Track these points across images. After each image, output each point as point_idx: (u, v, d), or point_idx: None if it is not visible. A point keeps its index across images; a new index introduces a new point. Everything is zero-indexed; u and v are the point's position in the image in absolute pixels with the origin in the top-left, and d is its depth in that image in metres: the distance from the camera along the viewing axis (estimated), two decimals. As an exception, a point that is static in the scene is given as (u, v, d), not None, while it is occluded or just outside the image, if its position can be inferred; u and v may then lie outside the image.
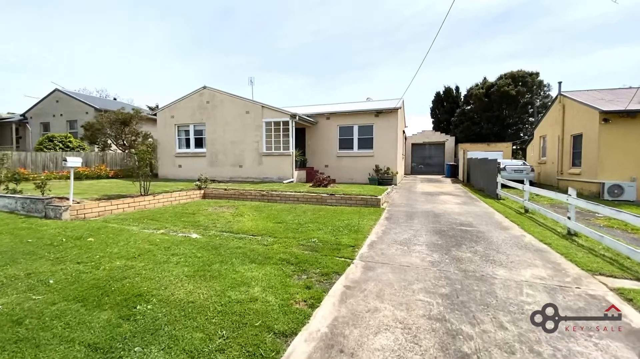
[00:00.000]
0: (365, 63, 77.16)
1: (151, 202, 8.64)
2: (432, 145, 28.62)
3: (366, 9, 62.45)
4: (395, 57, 70.38)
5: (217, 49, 76.78)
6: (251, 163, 15.05)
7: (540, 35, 56.10)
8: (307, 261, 4.17)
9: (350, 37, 69.83)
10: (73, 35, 63.28)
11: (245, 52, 76.36)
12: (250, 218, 7.11)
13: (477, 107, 32.07)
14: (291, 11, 63.30)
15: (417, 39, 63.48)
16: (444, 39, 71.14)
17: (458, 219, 7.36)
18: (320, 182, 11.67)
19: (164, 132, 16.90)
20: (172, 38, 71.57)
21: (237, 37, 74.03)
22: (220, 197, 10.49)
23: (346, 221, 6.74)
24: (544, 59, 59.93)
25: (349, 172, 16.25)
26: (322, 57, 77.04)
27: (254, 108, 14.82)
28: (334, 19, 63.10)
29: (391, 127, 15.58)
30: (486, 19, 57.40)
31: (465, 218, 7.52)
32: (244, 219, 7.03)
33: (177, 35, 71.10)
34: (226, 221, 6.75)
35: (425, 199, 10.83)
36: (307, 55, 76.95)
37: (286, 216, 7.31)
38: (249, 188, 10.74)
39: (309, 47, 73.54)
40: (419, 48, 73.04)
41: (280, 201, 9.80)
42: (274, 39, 72.93)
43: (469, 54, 62.39)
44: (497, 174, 11.50)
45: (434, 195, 11.91)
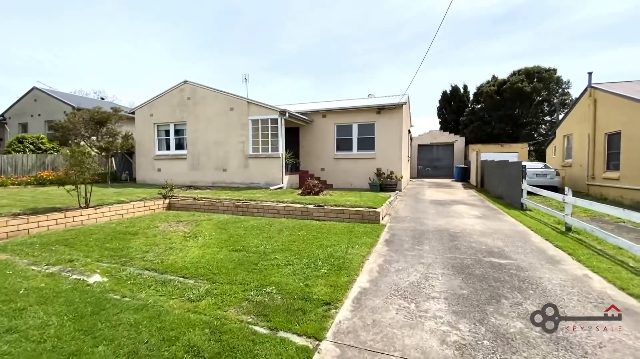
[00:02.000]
0: (368, 65, 75.40)
1: (92, 217, 6.90)
2: (440, 146, 26.62)
3: (367, 9, 60.74)
4: (401, 57, 68.43)
5: (222, 50, 75.65)
6: (236, 166, 13.30)
7: (548, 33, 53.69)
8: (232, 351, 2.33)
9: (354, 38, 68.13)
10: (79, 39, 62.56)
11: (247, 53, 75.07)
12: (203, 242, 5.31)
13: (488, 106, 29.99)
14: (293, 13, 61.82)
15: (422, 39, 61.43)
16: (449, 39, 69.06)
17: (483, 243, 5.47)
18: (310, 189, 9.84)
19: (142, 132, 15.25)
20: (177, 41, 70.62)
21: (240, 39, 72.78)
22: (187, 208, 8.73)
23: (330, 249, 4.89)
24: (555, 57, 57.42)
25: (347, 176, 14.40)
26: (325, 58, 75.46)
27: (239, 104, 13.08)
28: (337, 20, 61.46)
29: (395, 126, 13.70)
30: (491, 18, 55.25)
31: (492, 241, 5.63)
32: (193, 244, 5.23)
33: (181, 38, 70.13)
34: (167, 248, 4.96)
35: (436, 210, 8.93)
36: (310, 56, 75.40)
37: (252, 240, 5.49)
38: (224, 197, 8.97)
39: (312, 48, 72.00)
40: (424, 48, 71.05)
41: (257, 214, 8.00)
42: (276, 41, 71.55)
43: (474, 54, 60.17)
44: (521, 180, 9.57)
45: (446, 205, 10.00)
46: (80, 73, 64.90)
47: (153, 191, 10.52)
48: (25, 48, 58.23)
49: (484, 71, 68.42)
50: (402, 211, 8.70)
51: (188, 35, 70.75)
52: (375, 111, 13.84)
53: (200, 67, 76.22)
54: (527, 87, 27.56)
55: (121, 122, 17.11)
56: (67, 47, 62.81)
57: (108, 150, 16.33)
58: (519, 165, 10.00)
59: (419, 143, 26.66)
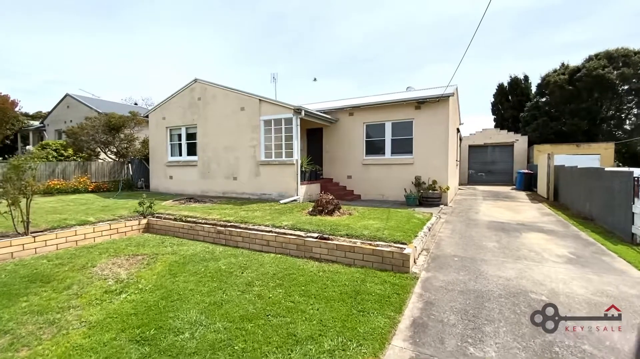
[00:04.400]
0: (413, 64, 70.83)
1: (29, 247, 5.40)
2: (497, 147, 22.71)
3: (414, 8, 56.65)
4: (450, 54, 63.01)
5: (266, 56, 76.38)
6: (247, 174, 11.53)
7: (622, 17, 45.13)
8: None
9: (399, 37, 64.24)
10: (136, 52, 67.26)
11: (291, 58, 74.65)
12: (107, 313, 3.38)
13: (556, 98, 25.13)
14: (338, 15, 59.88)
15: (472, 35, 55.60)
16: (506, 30, 61.78)
17: (606, 340, 2.83)
18: (322, 207, 7.61)
19: (156, 136, 14.20)
20: (222, 49, 72.80)
21: (284, 44, 72.68)
22: (166, 231, 7.02)
23: (302, 349, 2.66)
24: None
25: (378, 185, 11.92)
26: (369, 60, 72.33)
27: (250, 103, 11.30)
28: (383, 21, 58.27)
29: (440, 123, 10.93)
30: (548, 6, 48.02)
31: (623, 334, 2.95)
32: (94, 314, 3.32)
33: (226, 46, 72.08)
34: (44, 323, 3.10)
35: (499, 243, 6.18)
36: (355, 58, 72.75)
37: (191, 308, 3.43)
38: (214, 216, 7.12)
39: (356, 49, 69.43)
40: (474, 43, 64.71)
41: (241, 244, 5.98)
42: (321, 44, 70.16)
43: (532, 43, 52.96)
44: (632, 198, 6.43)
45: (512, 233, 7.13)
46: (135, 82, 69.47)
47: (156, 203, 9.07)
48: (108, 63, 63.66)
49: (546, 63, 60.34)
50: (446, 245, 6.10)
51: (233, 44, 72.38)
52: (414, 106, 11.20)
53: (242, 72, 77.73)
54: (610, 73, 22.45)
55: (141, 127, 16.39)
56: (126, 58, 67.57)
57: (125, 156, 15.63)
58: (625, 177, 6.81)
59: (469, 144, 23.03)
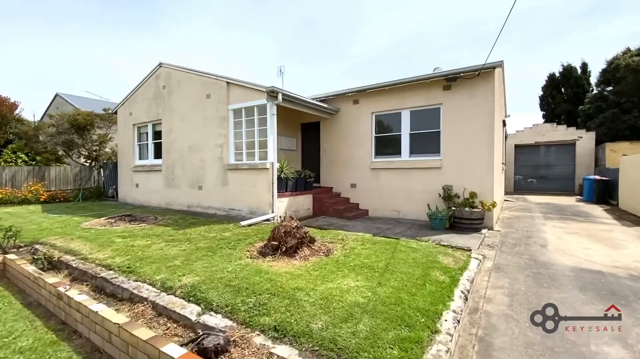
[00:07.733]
0: (444, 61, 65.89)
1: None
2: (552, 147, 18.31)
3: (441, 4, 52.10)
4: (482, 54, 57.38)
5: (299, 58, 75.56)
6: (213, 182, 8.72)
7: None
8: None
9: (428, 36, 59.98)
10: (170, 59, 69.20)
11: (324, 59, 73.50)
12: None
13: (629, 86, 20.10)
14: (365, 17, 57.03)
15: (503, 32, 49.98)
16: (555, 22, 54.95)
17: None
18: (279, 242, 4.51)
19: (124, 136, 11.88)
20: (257, 51, 73.49)
21: (315, 47, 71.85)
22: (17, 280, 4.29)
23: None
24: None
25: (392, 197, 8.59)
26: (397, 59, 68.66)
27: (216, 88, 8.51)
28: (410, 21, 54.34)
29: (480, 107, 7.40)
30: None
31: None
32: None
33: (261, 49, 72.64)
34: None
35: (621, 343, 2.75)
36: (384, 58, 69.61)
37: None
38: (97, 256, 4.32)
39: (385, 50, 66.28)
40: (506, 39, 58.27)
41: (80, 326, 3.07)
42: (348, 46, 67.93)
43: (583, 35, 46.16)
44: None
45: (629, 300, 3.61)
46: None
47: (83, 219, 6.49)
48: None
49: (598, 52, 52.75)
50: (503, 347, 2.76)
51: (266, 46, 72.64)
52: (442, 84, 7.82)
53: (273, 74, 77.39)
54: None
55: (115, 126, 14.22)
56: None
57: (97, 160, 13.49)
58: None
59: (516, 144, 18.82)
